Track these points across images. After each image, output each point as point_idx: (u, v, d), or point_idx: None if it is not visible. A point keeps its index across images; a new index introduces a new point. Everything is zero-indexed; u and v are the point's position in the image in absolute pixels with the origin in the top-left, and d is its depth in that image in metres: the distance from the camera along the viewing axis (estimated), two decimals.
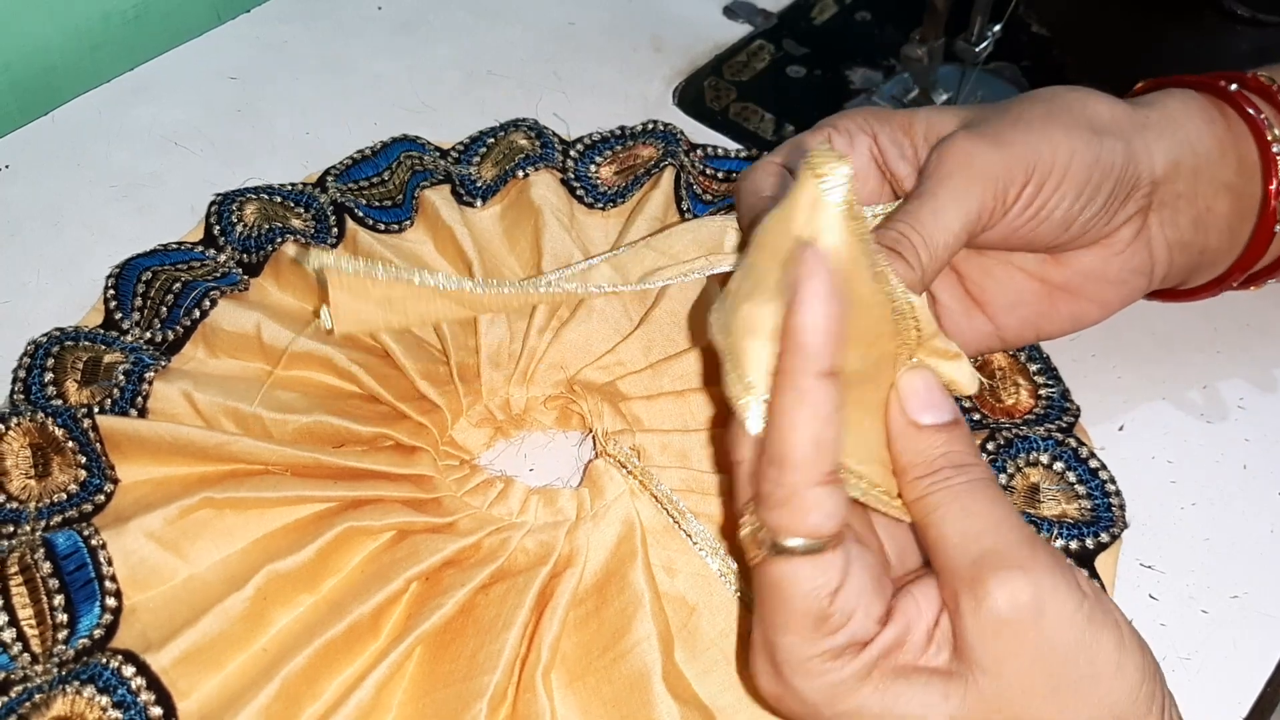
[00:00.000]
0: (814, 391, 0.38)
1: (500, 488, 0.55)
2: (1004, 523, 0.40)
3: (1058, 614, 0.38)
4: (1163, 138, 0.53)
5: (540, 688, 0.48)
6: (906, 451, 0.43)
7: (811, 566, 0.39)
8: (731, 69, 0.78)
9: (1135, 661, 0.39)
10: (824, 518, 0.38)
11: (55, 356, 0.58)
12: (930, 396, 0.43)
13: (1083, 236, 0.52)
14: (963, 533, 0.40)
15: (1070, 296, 0.55)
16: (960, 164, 0.49)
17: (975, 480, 0.42)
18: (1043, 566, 0.39)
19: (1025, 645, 0.38)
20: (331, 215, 0.65)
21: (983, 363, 0.59)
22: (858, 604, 0.40)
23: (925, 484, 0.42)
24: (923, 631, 0.40)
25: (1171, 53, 0.60)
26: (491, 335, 0.59)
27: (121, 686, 0.47)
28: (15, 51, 0.79)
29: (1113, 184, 0.51)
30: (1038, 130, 0.50)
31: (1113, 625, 0.39)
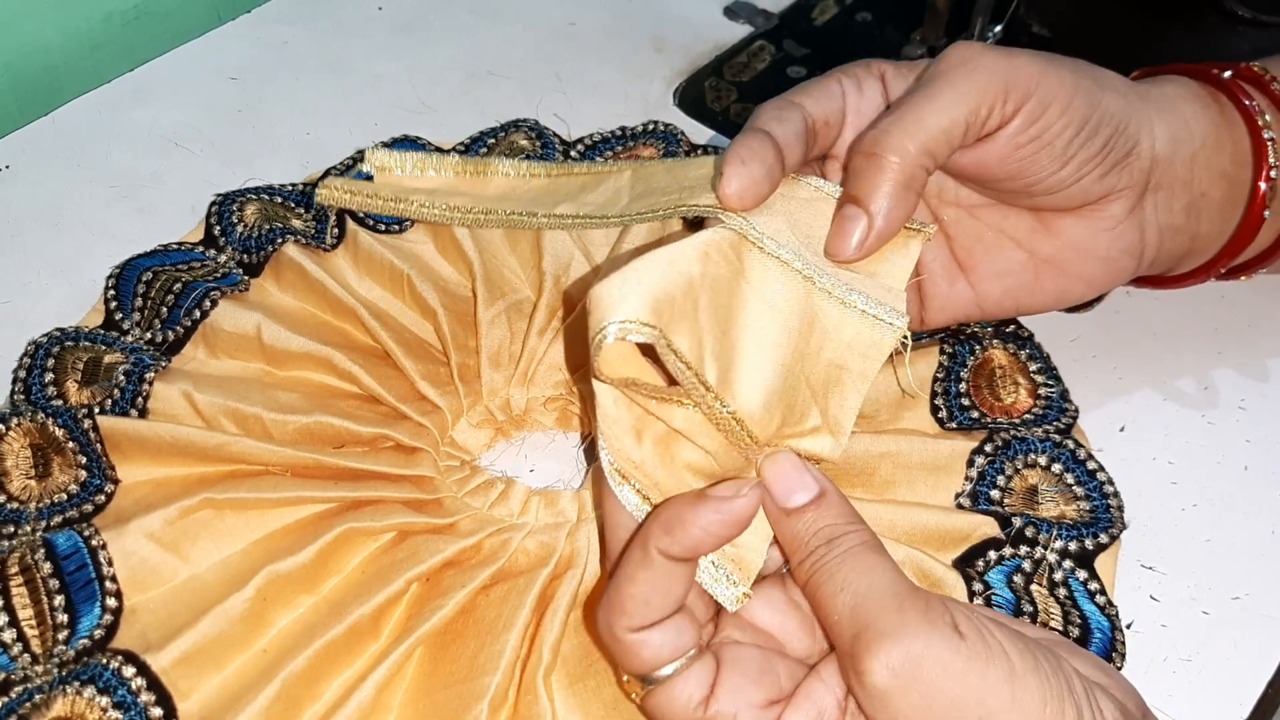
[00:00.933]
0: (656, 565, 0.41)
1: (501, 489, 0.55)
2: (873, 591, 0.40)
3: (934, 669, 0.38)
4: (1163, 116, 0.53)
5: (541, 689, 0.48)
6: (785, 538, 0.44)
7: (673, 688, 0.41)
8: (732, 69, 0.78)
9: (1030, 687, 0.39)
10: (656, 651, 0.41)
11: (56, 357, 0.58)
12: (795, 479, 0.44)
13: (1076, 187, 0.52)
14: (840, 609, 0.41)
15: (1056, 271, 0.55)
16: (963, 60, 0.49)
17: (847, 550, 0.42)
18: (911, 628, 0.39)
19: (914, 708, 0.39)
20: (332, 215, 0.64)
21: (982, 360, 0.59)
22: (735, 703, 0.41)
23: (806, 567, 0.42)
24: (833, 705, 0.41)
25: (1172, 53, 0.59)
26: (492, 336, 0.59)
27: (122, 687, 0.47)
28: (16, 52, 0.79)
29: (1111, 131, 0.51)
30: (1046, 62, 0.50)
31: (1000, 659, 0.39)
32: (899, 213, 0.48)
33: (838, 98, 0.52)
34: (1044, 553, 0.52)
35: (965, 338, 0.60)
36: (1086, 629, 0.50)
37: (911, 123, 0.48)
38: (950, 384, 0.58)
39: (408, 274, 0.60)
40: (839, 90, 0.52)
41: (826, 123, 0.52)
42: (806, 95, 0.52)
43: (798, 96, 0.52)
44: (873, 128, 0.49)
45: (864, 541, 0.42)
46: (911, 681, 0.38)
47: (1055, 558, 0.52)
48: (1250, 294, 0.63)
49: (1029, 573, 0.52)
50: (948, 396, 0.58)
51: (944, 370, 0.59)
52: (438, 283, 0.61)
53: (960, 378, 0.58)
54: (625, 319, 0.41)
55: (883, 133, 0.48)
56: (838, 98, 0.52)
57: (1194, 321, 0.62)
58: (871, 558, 0.42)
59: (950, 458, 0.55)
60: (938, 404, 0.58)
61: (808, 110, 0.51)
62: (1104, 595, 0.51)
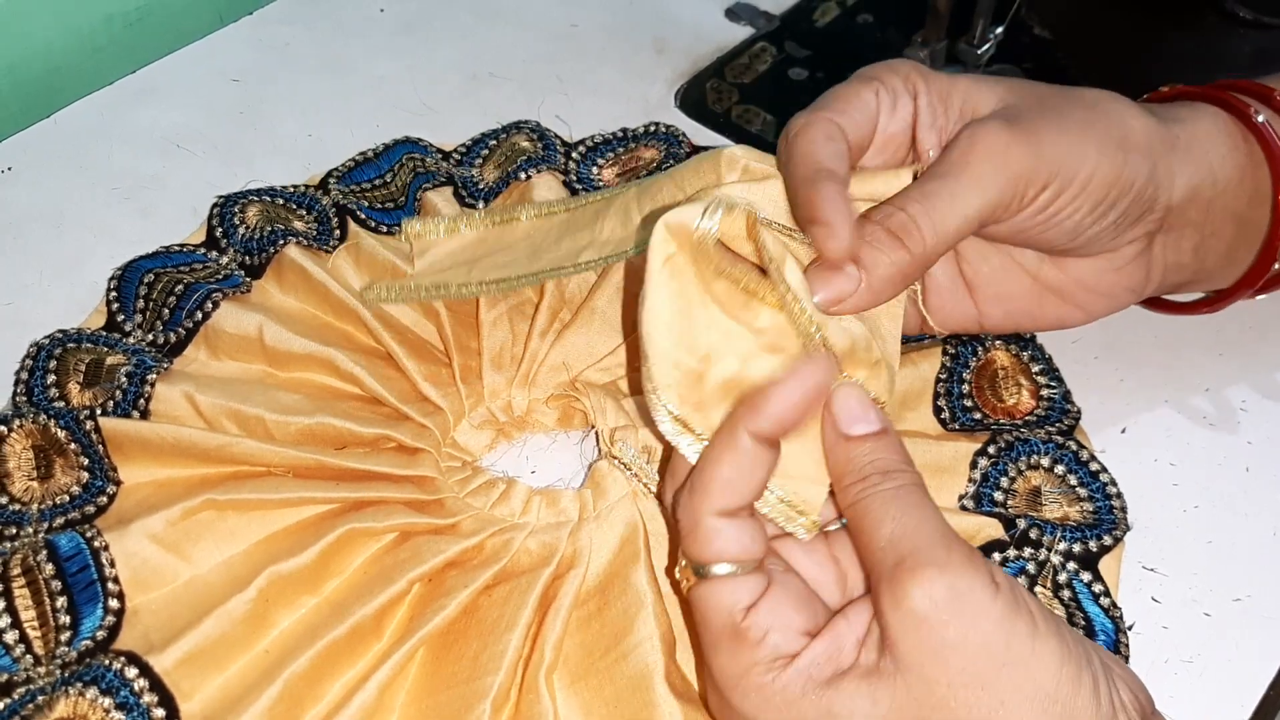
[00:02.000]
0: (741, 445, 0.43)
1: (502, 489, 0.55)
2: (923, 525, 0.42)
3: (973, 608, 0.40)
4: (1188, 163, 0.53)
5: (543, 688, 0.48)
6: (839, 462, 0.45)
7: (723, 587, 0.43)
8: (733, 71, 0.78)
9: (1050, 646, 0.40)
10: (727, 542, 0.43)
11: (58, 358, 0.58)
12: (859, 410, 0.45)
13: (1087, 246, 0.53)
14: (886, 536, 0.42)
15: (1059, 300, 0.56)
16: (989, 154, 0.49)
17: (900, 486, 0.43)
18: (957, 564, 0.40)
19: (945, 639, 0.39)
20: (334, 217, 0.65)
21: (985, 362, 0.59)
22: (773, 620, 0.42)
23: (855, 490, 0.44)
24: (853, 642, 0.42)
25: (1173, 55, 0.60)
26: (494, 338, 0.59)
27: (124, 688, 0.47)
28: (18, 53, 0.79)
29: (1128, 203, 0.51)
30: (1073, 136, 0.50)
31: (1026, 615, 0.40)
32: (886, 296, 0.49)
33: (873, 117, 0.52)
34: (1048, 555, 0.52)
35: (968, 339, 0.60)
36: (1090, 631, 0.50)
37: (936, 223, 0.48)
38: (953, 385, 0.58)
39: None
40: (874, 107, 0.52)
41: (860, 146, 0.52)
42: (848, 115, 0.51)
43: (840, 115, 0.51)
44: (901, 206, 0.49)
45: (915, 483, 0.44)
46: (951, 614, 0.39)
47: (1059, 560, 0.52)
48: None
49: (1033, 575, 0.52)
50: (950, 397, 0.58)
51: (946, 371, 0.59)
52: None
53: (963, 379, 0.58)
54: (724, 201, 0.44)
55: (912, 225, 0.48)
56: (873, 117, 0.52)
57: (1195, 323, 0.62)
58: (923, 498, 0.43)
59: (953, 459, 0.55)
60: (940, 405, 0.58)
61: (850, 136, 0.50)
62: (1108, 597, 0.51)
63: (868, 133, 0.52)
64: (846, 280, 0.48)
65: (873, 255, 0.48)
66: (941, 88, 0.52)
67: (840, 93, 0.52)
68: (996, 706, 0.39)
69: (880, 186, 0.51)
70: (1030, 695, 0.39)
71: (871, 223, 0.48)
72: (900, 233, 0.48)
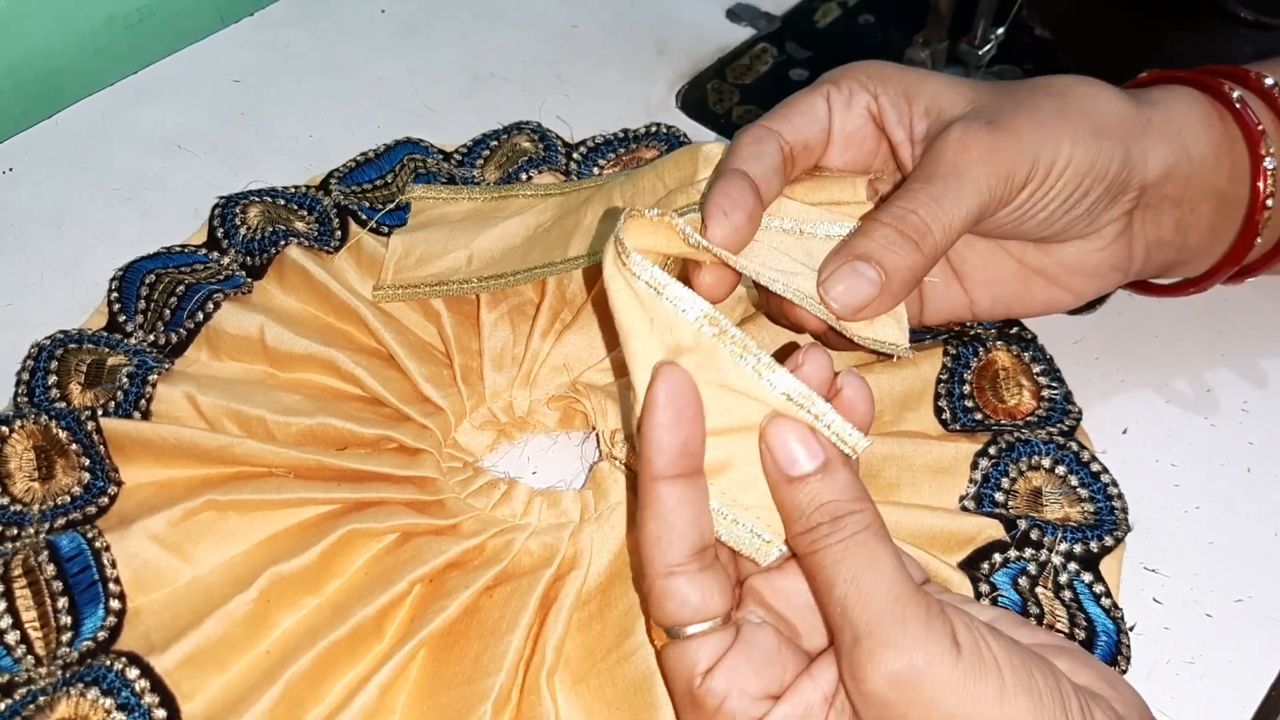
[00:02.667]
0: (650, 493, 0.41)
1: (504, 489, 0.55)
2: (875, 591, 0.40)
3: (932, 683, 0.38)
4: (1162, 142, 0.53)
5: (545, 690, 0.48)
6: (784, 505, 0.43)
7: (684, 649, 0.42)
8: (734, 72, 0.78)
9: (1020, 705, 0.39)
10: (677, 605, 0.41)
11: (59, 359, 0.58)
12: (798, 445, 0.42)
13: (1063, 232, 0.54)
14: (839, 602, 0.40)
15: (1046, 282, 0.57)
16: (981, 156, 0.49)
17: (851, 536, 0.41)
18: (912, 638, 0.39)
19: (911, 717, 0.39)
20: (335, 218, 0.65)
21: (986, 362, 0.59)
22: (729, 685, 0.41)
23: (805, 542, 0.42)
24: (820, 701, 0.41)
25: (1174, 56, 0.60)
26: (495, 338, 0.59)
27: (125, 689, 0.47)
28: (19, 54, 0.79)
29: (1102, 189, 0.52)
30: (1048, 127, 0.51)
31: (993, 675, 0.39)
32: (906, 294, 0.50)
33: (822, 118, 0.53)
34: (1049, 555, 0.52)
35: (969, 339, 0.60)
36: (1092, 632, 0.50)
37: (946, 221, 0.49)
38: (954, 385, 0.58)
39: None
40: (824, 109, 0.53)
41: (806, 147, 0.53)
42: (786, 119, 0.52)
43: (777, 121, 0.52)
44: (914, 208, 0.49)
45: (868, 526, 0.41)
46: (912, 694, 0.38)
47: (1060, 560, 0.52)
48: (1252, 296, 0.63)
49: (1034, 575, 0.52)
50: (951, 398, 0.58)
51: (947, 372, 0.59)
52: None
53: (964, 379, 0.58)
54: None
55: (924, 225, 0.49)
56: (822, 118, 0.53)
57: (1196, 324, 0.62)
58: (876, 549, 0.41)
59: (954, 460, 0.55)
60: (941, 405, 0.58)
61: (785, 138, 0.52)
62: (1109, 598, 0.51)
63: (815, 133, 0.53)
64: (869, 285, 0.48)
65: (892, 259, 0.48)
66: (905, 87, 0.53)
67: (788, 100, 0.54)
68: None
69: (836, 192, 0.53)
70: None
71: (883, 224, 0.49)
72: (916, 235, 0.48)
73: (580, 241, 0.58)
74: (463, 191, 0.66)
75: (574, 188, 0.64)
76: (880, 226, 0.49)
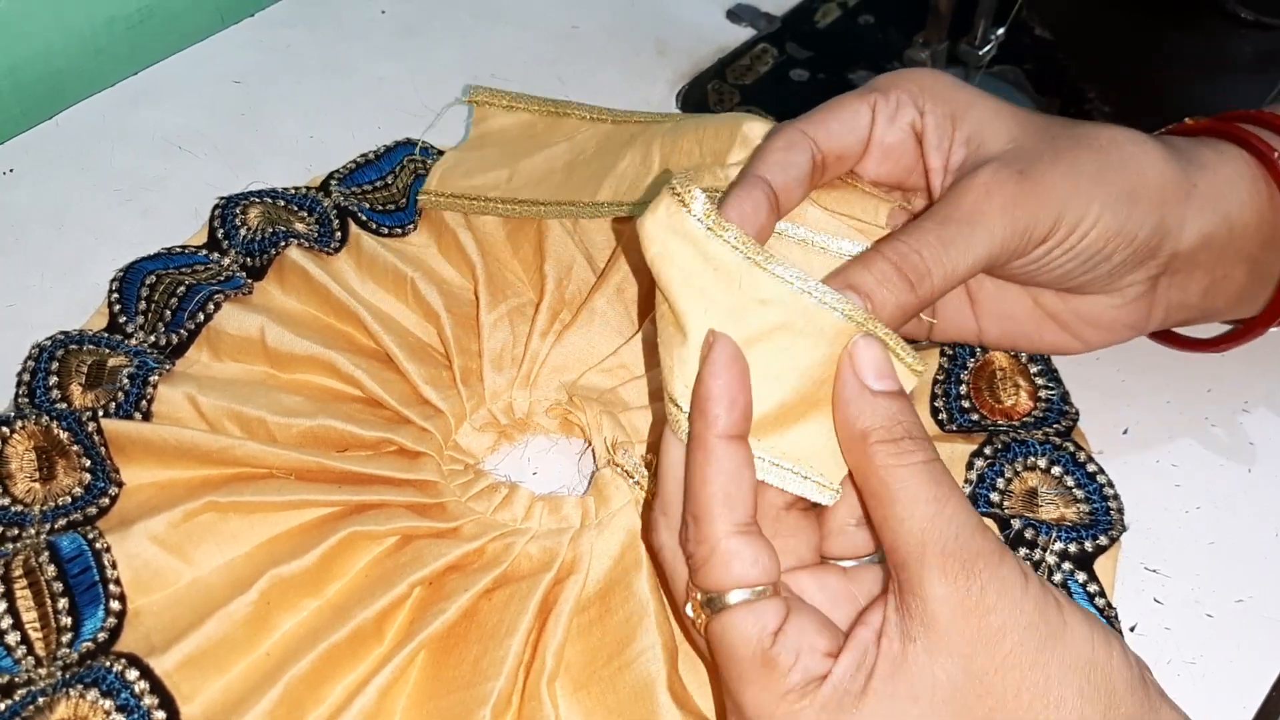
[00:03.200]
0: (718, 451, 0.42)
1: (505, 493, 0.55)
2: (960, 512, 0.41)
3: (1013, 593, 0.40)
4: (1203, 212, 0.52)
5: (545, 696, 0.48)
6: (861, 415, 0.43)
7: (747, 614, 0.41)
8: (735, 72, 0.78)
9: (1078, 618, 0.41)
10: (746, 565, 0.42)
11: (60, 360, 0.58)
12: (884, 364, 0.44)
13: (1082, 287, 0.53)
14: (926, 517, 0.41)
15: (1057, 327, 0.56)
16: (1002, 206, 0.48)
17: (932, 461, 0.42)
18: (997, 555, 0.40)
19: (992, 625, 0.40)
20: (335, 219, 0.65)
21: (983, 363, 0.59)
22: (802, 641, 0.41)
23: (884, 453, 0.42)
24: (872, 640, 0.41)
25: (1174, 56, 0.60)
26: (494, 339, 0.59)
27: (125, 690, 0.47)
28: (20, 55, 0.79)
29: (1128, 254, 0.51)
30: (1082, 186, 0.49)
31: (1052, 594, 0.41)
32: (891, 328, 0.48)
33: (862, 128, 0.52)
34: (1043, 555, 0.52)
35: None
36: None
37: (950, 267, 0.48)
38: (950, 386, 0.58)
39: (411, 277, 0.61)
40: (867, 119, 0.51)
41: (840, 157, 0.51)
42: (824, 126, 0.51)
43: (814, 126, 0.51)
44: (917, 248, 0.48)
45: (939, 459, 0.43)
46: (996, 601, 0.40)
47: (1055, 560, 0.52)
48: None
49: None
50: (948, 398, 0.58)
51: (944, 372, 0.59)
52: (440, 286, 0.61)
53: (961, 380, 0.58)
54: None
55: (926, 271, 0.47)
56: (862, 128, 0.52)
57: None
58: (950, 479, 0.42)
59: (950, 460, 0.55)
60: (938, 406, 0.58)
61: (820, 146, 0.50)
62: (1103, 597, 0.51)
63: (851, 143, 0.51)
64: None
65: (881, 294, 0.47)
66: (954, 109, 0.51)
67: (832, 102, 0.52)
68: (1043, 680, 0.40)
69: (858, 209, 0.52)
70: (1072, 665, 0.40)
71: (884, 259, 0.47)
72: (914, 277, 0.47)
73: (611, 186, 0.59)
74: (522, 100, 0.67)
75: (624, 117, 0.65)
76: (880, 260, 0.47)
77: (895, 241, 0.48)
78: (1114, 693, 0.40)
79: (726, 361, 0.42)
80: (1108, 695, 0.40)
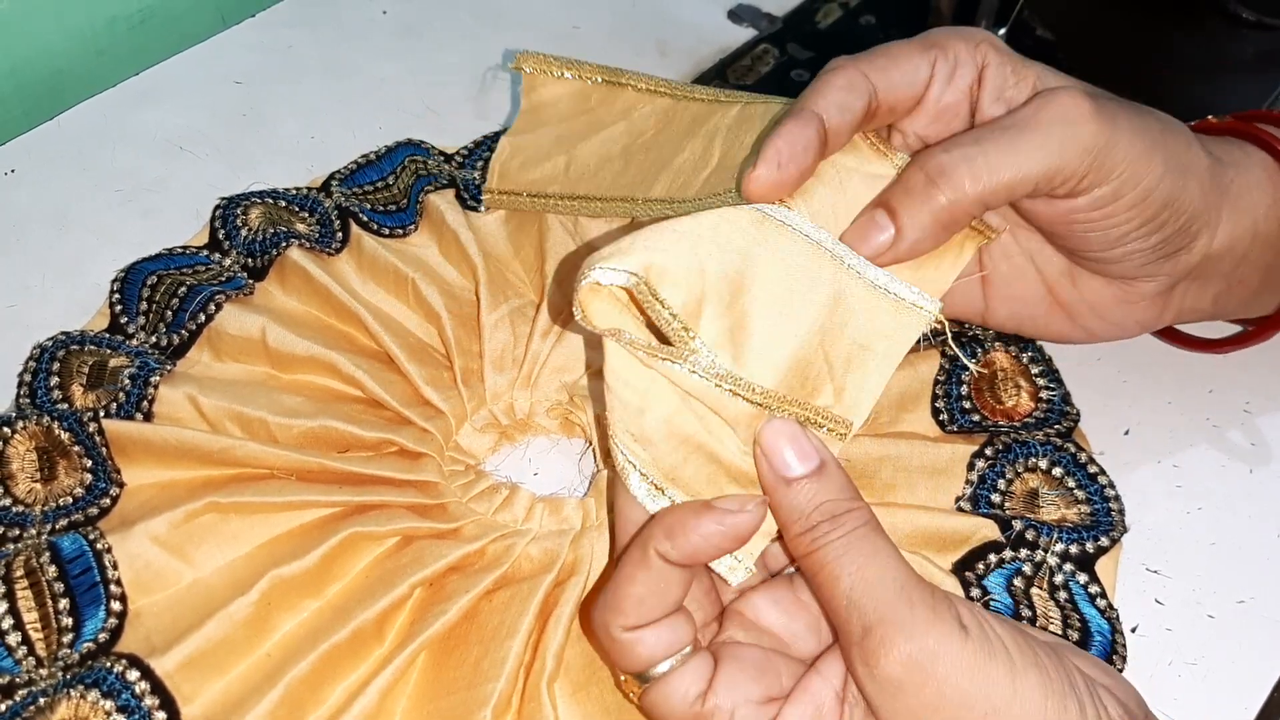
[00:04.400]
0: (656, 565, 0.42)
1: (505, 494, 0.55)
2: (881, 580, 0.40)
3: (945, 665, 0.39)
4: (1234, 215, 0.51)
5: (545, 697, 0.48)
6: (782, 508, 0.43)
7: (670, 683, 0.42)
8: (736, 73, 0.78)
9: (1030, 682, 0.39)
10: (650, 647, 0.42)
11: (61, 360, 0.58)
12: (793, 447, 0.43)
13: (1119, 262, 0.52)
14: (845, 595, 0.41)
15: (1066, 316, 0.56)
16: (1065, 116, 0.47)
17: (851, 531, 0.42)
18: (922, 622, 0.39)
19: (924, 702, 0.39)
20: (336, 219, 0.65)
21: (984, 363, 0.59)
22: (734, 698, 0.41)
23: (805, 542, 0.42)
24: (832, 698, 0.41)
25: (1175, 56, 0.60)
26: (495, 340, 0.59)
27: (126, 691, 0.47)
28: (21, 56, 0.79)
29: (1175, 229, 0.50)
30: (1147, 143, 0.48)
31: (1001, 655, 0.40)
32: (927, 246, 0.48)
33: (919, 84, 0.50)
34: (1044, 556, 0.52)
35: (967, 340, 0.60)
36: (1086, 632, 0.50)
37: (983, 168, 0.46)
38: (951, 386, 0.58)
39: (412, 278, 0.61)
40: (926, 74, 0.50)
41: (891, 109, 0.50)
42: (885, 74, 0.49)
43: (877, 72, 0.49)
44: (946, 149, 0.47)
45: (866, 523, 0.42)
46: (925, 676, 0.39)
47: (1056, 561, 0.52)
48: None
49: (1029, 576, 0.52)
50: (949, 399, 0.58)
51: (945, 373, 0.59)
52: (441, 286, 0.61)
53: (962, 380, 0.58)
54: (611, 265, 0.42)
55: (951, 167, 0.46)
56: (919, 84, 0.50)
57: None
58: (876, 542, 0.42)
59: (951, 461, 0.55)
60: (939, 406, 0.58)
61: (880, 94, 0.49)
62: (1104, 598, 0.51)
63: (906, 96, 0.50)
64: (878, 229, 0.47)
65: (904, 200, 0.46)
66: (1015, 64, 0.50)
67: (893, 50, 0.50)
68: None
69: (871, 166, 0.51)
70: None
71: (911, 166, 0.46)
72: (936, 175, 0.46)
73: (667, 180, 0.58)
74: (572, 65, 0.65)
75: (685, 92, 0.63)
76: (913, 171, 0.46)
77: (928, 148, 0.47)
78: None
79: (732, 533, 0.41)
80: None
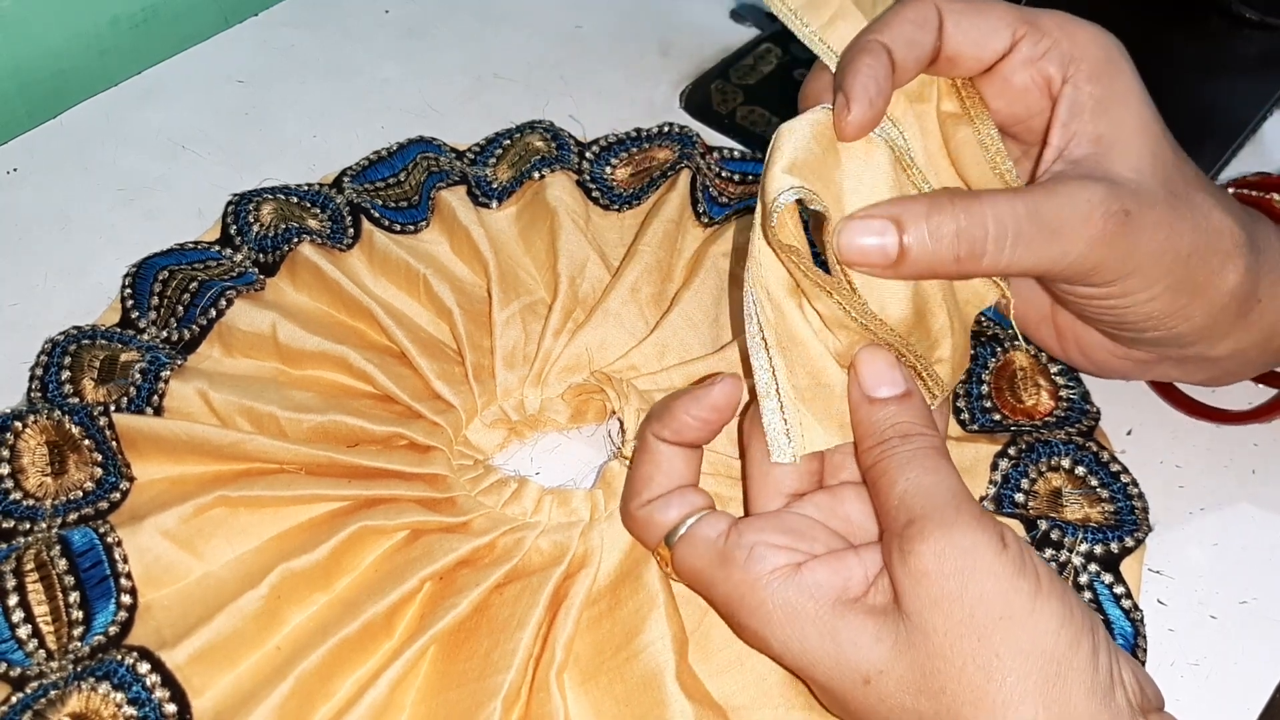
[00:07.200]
0: (652, 445, 0.49)
1: (514, 488, 0.55)
2: (935, 486, 0.43)
3: (974, 563, 0.41)
4: (1250, 330, 0.51)
5: (554, 687, 0.48)
6: (861, 423, 0.47)
7: (693, 533, 0.46)
8: (738, 72, 0.79)
9: (1051, 608, 0.41)
10: (669, 510, 0.48)
11: (72, 355, 0.58)
12: (885, 372, 0.46)
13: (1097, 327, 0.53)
14: (899, 495, 0.43)
15: (1055, 333, 0.56)
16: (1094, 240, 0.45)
17: (918, 449, 0.45)
18: (964, 523, 0.41)
19: (945, 591, 0.41)
20: (347, 216, 0.65)
21: (1004, 363, 0.59)
22: (755, 536, 0.45)
23: (874, 452, 0.45)
24: (861, 577, 0.43)
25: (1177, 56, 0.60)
26: (507, 336, 0.59)
27: (136, 683, 0.47)
28: (24, 55, 0.79)
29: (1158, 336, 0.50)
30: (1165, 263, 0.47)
31: (1031, 575, 0.41)
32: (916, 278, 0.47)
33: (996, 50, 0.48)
34: (1069, 556, 0.52)
35: (986, 339, 0.60)
36: (1110, 633, 0.50)
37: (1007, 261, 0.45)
38: (972, 386, 0.58)
39: (424, 274, 0.61)
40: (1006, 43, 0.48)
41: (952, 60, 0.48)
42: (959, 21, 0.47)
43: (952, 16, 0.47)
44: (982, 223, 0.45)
45: (934, 445, 0.45)
46: (952, 569, 0.41)
47: (1080, 561, 0.52)
48: None
49: None
50: (970, 398, 0.58)
51: (965, 372, 0.59)
52: (453, 283, 0.61)
53: (982, 380, 0.59)
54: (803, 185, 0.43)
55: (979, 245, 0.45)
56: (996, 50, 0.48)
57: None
58: (939, 460, 0.45)
59: (974, 461, 0.55)
60: (960, 406, 0.58)
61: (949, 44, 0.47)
62: (1129, 599, 0.52)
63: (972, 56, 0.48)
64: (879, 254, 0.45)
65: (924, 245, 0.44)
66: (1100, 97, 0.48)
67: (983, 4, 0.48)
68: (991, 658, 0.40)
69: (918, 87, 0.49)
70: (1026, 650, 0.40)
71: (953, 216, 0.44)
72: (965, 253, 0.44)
73: None
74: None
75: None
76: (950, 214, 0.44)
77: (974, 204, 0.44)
78: (1067, 698, 0.40)
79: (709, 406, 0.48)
80: (1060, 696, 0.40)
